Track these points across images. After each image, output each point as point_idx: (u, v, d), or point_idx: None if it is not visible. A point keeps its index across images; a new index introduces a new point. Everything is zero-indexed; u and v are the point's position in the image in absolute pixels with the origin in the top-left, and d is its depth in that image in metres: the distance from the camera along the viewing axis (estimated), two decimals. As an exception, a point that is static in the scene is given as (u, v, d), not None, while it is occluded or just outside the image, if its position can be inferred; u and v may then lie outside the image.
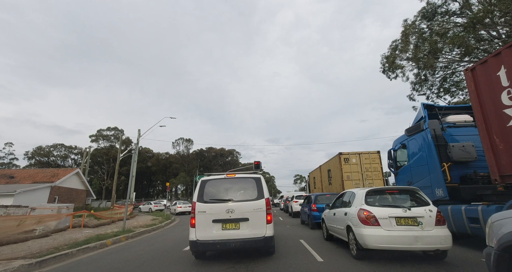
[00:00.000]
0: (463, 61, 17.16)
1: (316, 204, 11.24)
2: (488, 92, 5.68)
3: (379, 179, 15.77)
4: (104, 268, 5.70)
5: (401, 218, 5.08)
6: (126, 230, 11.25)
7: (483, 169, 6.72)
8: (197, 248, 5.35)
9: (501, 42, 14.82)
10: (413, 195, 5.78)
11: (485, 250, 2.93)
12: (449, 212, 6.62)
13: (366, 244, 5.07)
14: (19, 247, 8.08)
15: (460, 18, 16.98)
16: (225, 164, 78.03)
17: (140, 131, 24.03)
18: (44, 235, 10.48)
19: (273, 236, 5.53)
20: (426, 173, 7.93)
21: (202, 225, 5.40)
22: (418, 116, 8.95)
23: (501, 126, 5.36)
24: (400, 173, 9.71)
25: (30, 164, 59.43)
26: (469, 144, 7.10)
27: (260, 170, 19.26)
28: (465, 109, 8.54)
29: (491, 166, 5.61)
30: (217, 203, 5.59)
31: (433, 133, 7.56)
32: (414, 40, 18.24)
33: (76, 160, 64.49)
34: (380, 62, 20.29)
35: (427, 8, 17.57)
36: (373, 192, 5.93)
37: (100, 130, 63.61)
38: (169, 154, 76.63)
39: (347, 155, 16.45)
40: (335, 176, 17.40)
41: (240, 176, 6.14)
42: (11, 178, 25.21)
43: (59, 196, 24.89)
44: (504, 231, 2.65)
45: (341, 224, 6.36)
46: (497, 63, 5.44)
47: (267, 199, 5.67)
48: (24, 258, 6.14)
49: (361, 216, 5.32)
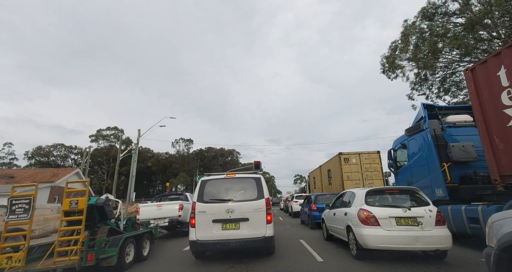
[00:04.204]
0: (463, 61, 17.16)
1: (316, 204, 11.24)
2: (488, 92, 5.67)
3: (379, 179, 15.76)
4: (104, 268, 5.69)
5: (401, 218, 5.08)
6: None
7: (483, 169, 6.71)
8: (197, 248, 5.35)
9: (501, 42, 14.82)
10: (413, 195, 5.78)
11: (485, 250, 2.93)
12: (449, 212, 6.62)
13: (366, 244, 5.07)
14: (19, 247, 8.06)
15: (460, 18, 16.98)
16: (225, 164, 78.07)
17: (140, 131, 24.01)
18: (44, 235, 10.48)
19: (273, 236, 5.54)
20: (426, 173, 7.92)
21: (202, 225, 5.40)
22: (418, 116, 8.94)
23: (501, 126, 5.35)
24: (400, 173, 9.71)
25: (30, 164, 59.42)
26: (469, 144, 7.10)
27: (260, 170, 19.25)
28: (465, 109, 8.53)
29: (491, 166, 5.61)
30: (217, 203, 5.59)
31: (433, 133, 7.56)
32: (414, 40, 18.24)
33: (76, 160, 64.51)
34: (380, 63, 20.29)
35: (428, 8, 17.56)
36: (373, 192, 5.93)
37: (100, 130, 63.69)
38: (169, 154, 76.69)
39: (347, 155, 16.45)
40: (335, 176, 17.40)
41: (240, 176, 6.14)
42: (11, 178, 25.22)
43: (59, 196, 24.90)
44: (504, 231, 2.65)
45: (341, 224, 6.36)
46: (497, 63, 5.44)
47: (267, 199, 5.67)
48: (24, 258, 6.13)
49: (361, 216, 5.32)
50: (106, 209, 6.06)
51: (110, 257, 4.92)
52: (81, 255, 4.64)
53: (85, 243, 4.80)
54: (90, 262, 4.65)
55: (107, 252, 4.96)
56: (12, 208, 4.74)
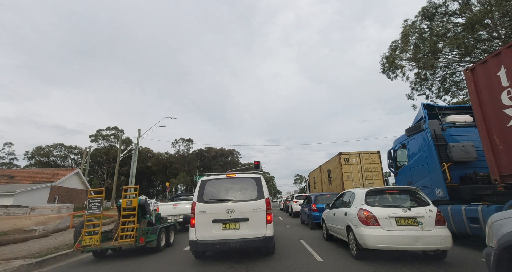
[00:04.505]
0: (463, 61, 17.16)
1: (316, 204, 11.24)
2: (488, 92, 5.67)
3: (379, 179, 15.76)
4: (104, 268, 5.70)
5: (401, 218, 5.08)
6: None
7: (483, 169, 6.71)
8: (197, 248, 5.35)
9: (501, 42, 14.82)
10: (413, 195, 5.78)
11: (485, 250, 2.92)
12: (449, 212, 6.62)
13: (366, 244, 5.07)
14: (19, 247, 8.08)
15: (460, 18, 16.97)
16: (225, 163, 78.05)
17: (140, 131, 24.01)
18: (44, 235, 10.48)
19: (273, 236, 5.53)
20: (426, 173, 7.92)
21: (202, 225, 5.40)
22: (418, 116, 8.93)
23: (501, 126, 5.35)
24: (400, 173, 9.71)
25: (30, 164, 59.40)
26: (469, 144, 7.09)
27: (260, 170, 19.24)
28: (465, 109, 8.53)
29: (491, 166, 5.60)
30: (217, 203, 5.59)
31: (433, 133, 7.56)
32: (414, 40, 18.23)
33: (76, 160, 64.48)
34: (380, 63, 20.30)
35: (428, 8, 17.55)
36: (373, 192, 5.93)
37: (100, 130, 63.68)
38: (169, 154, 76.67)
39: (347, 155, 16.44)
40: (335, 176, 17.40)
41: (240, 176, 6.14)
42: (11, 178, 25.21)
43: (59, 196, 24.90)
44: (504, 231, 2.65)
45: (341, 224, 6.35)
46: (497, 63, 5.43)
47: (267, 199, 5.66)
48: (24, 258, 6.14)
49: (361, 216, 5.32)
50: (146, 207, 7.78)
51: (151, 241, 6.78)
52: (136, 238, 6.61)
53: (138, 230, 6.73)
54: (142, 243, 6.59)
55: (150, 237, 6.82)
56: (89, 205, 6.89)
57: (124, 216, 6.95)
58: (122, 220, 6.89)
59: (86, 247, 6.34)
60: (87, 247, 6.34)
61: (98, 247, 6.35)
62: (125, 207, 7.00)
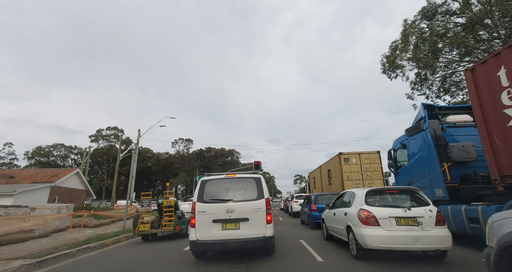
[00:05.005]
0: (463, 61, 17.15)
1: (316, 204, 11.24)
2: (488, 92, 5.67)
3: (379, 179, 15.75)
4: (104, 268, 5.70)
5: (401, 218, 5.08)
6: (126, 230, 11.25)
7: (483, 169, 6.71)
8: (197, 248, 5.34)
9: (501, 42, 14.82)
10: (413, 195, 5.77)
11: (485, 250, 2.92)
12: (449, 212, 6.62)
13: (366, 244, 5.07)
14: (19, 247, 8.08)
15: (460, 18, 16.97)
16: (225, 163, 78.05)
17: (140, 131, 24.00)
18: (44, 235, 10.48)
19: (273, 236, 5.53)
20: (426, 173, 7.92)
21: (202, 225, 5.40)
22: (418, 116, 8.93)
23: (501, 126, 5.35)
24: (400, 173, 9.71)
25: (30, 164, 59.41)
26: (469, 144, 7.09)
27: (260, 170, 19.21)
28: (465, 109, 8.53)
29: (491, 166, 5.60)
30: (217, 203, 5.59)
31: (433, 133, 7.55)
32: (414, 40, 18.23)
33: (76, 160, 64.49)
34: (380, 63, 20.30)
35: (428, 7, 17.55)
36: (373, 192, 5.93)
37: (100, 130, 63.67)
38: (169, 154, 76.67)
39: (347, 155, 16.43)
40: (335, 176, 17.39)
41: (240, 176, 6.14)
42: (11, 178, 25.20)
43: (59, 196, 24.88)
44: (504, 231, 2.65)
45: (341, 224, 6.35)
46: (497, 63, 5.43)
47: (267, 199, 5.66)
48: (24, 258, 6.14)
49: (361, 216, 5.32)
50: (177, 205, 10.33)
51: (182, 229, 9.50)
52: (174, 226, 9.33)
53: (175, 221, 9.49)
54: (177, 230, 9.38)
55: (182, 226, 9.54)
56: (142, 203, 10.38)
57: (166, 211, 9.65)
58: (166, 215, 9.63)
59: (142, 232, 9.06)
60: (143, 232, 9.06)
61: (149, 232, 9.07)
62: (166, 205, 9.68)
